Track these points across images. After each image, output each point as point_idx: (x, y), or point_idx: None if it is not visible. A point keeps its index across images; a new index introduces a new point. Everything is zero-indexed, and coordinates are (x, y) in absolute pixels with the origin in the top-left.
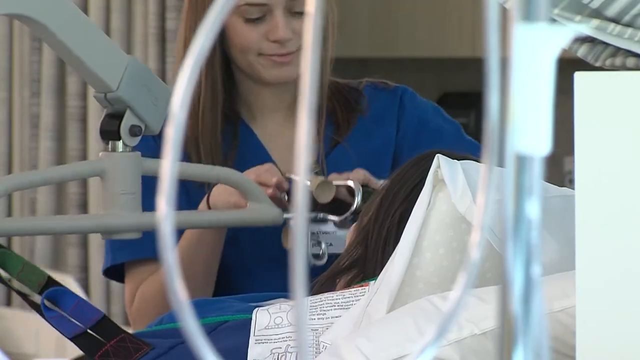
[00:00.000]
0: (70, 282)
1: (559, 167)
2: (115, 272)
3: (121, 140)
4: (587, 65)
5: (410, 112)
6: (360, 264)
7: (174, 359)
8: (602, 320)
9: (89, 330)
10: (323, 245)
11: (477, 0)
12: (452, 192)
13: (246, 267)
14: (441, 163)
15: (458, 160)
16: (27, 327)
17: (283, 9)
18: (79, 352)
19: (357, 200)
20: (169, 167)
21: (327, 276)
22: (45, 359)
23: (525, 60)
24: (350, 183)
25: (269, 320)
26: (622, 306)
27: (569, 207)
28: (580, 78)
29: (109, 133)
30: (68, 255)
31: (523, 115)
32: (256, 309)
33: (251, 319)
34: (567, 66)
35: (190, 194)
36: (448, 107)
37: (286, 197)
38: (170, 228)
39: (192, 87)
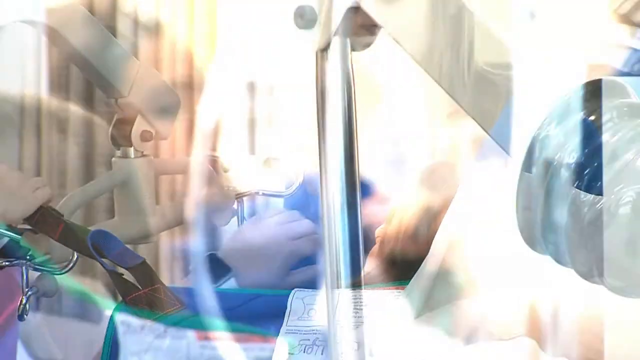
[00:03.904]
0: (99, 289)
1: None
2: None
3: (133, 146)
4: None
5: None
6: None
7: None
8: (630, 327)
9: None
10: None
11: None
12: None
13: None
14: None
15: None
16: (55, 332)
17: None
18: None
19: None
20: (198, 160)
21: None
22: None
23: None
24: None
25: (302, 311)
26: None
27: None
28: None
29: (121, 139)
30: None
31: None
32: (294, 291)
33: (286, 297)
34: None
35: None
36: None
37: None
38: (201, 222)
39: (221, 87)
